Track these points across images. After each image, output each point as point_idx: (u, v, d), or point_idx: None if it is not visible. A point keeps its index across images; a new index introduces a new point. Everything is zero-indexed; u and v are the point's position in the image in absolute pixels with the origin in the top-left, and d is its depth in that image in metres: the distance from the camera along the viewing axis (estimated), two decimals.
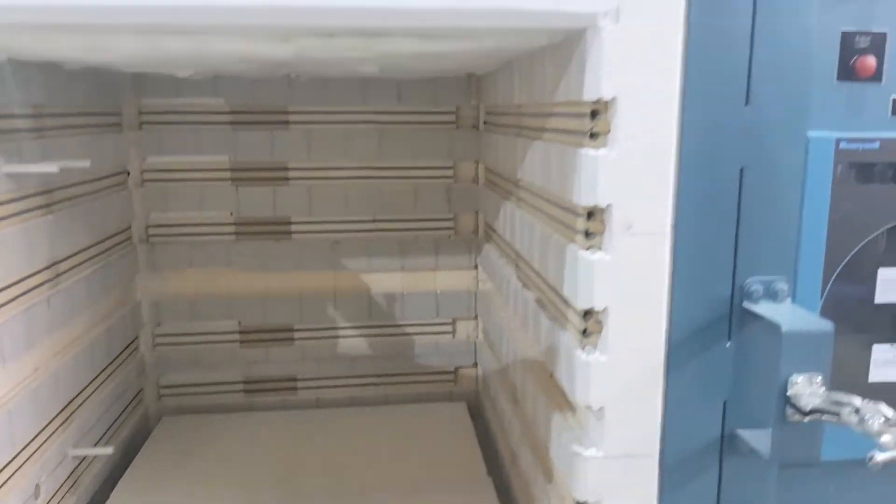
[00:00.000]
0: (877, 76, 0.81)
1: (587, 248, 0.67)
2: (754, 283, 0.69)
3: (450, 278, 1.39)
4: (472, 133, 1.35)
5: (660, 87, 0.63)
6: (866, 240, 0.82)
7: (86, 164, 0.93)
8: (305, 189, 1.32)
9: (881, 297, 0.84)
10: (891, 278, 0.84)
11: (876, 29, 0.81)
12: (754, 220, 0.68)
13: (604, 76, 0.62)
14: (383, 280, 1.37)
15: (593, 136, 0.65)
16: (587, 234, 0.67)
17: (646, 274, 0.65)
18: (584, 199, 0.65)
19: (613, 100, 0.62)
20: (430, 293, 1.39)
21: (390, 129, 1.32)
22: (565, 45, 0.69)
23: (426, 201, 1.36)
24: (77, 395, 1.04)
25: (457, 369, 1.43)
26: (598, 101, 0.63)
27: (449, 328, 1.41)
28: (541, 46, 0.78)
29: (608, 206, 0.64)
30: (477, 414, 1.38)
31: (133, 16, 0.54)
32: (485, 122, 1.32)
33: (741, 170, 0.67)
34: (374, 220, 1.35)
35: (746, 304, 0.68)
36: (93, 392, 1.10)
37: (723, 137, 0.65)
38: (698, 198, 0.66)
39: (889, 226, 0.83)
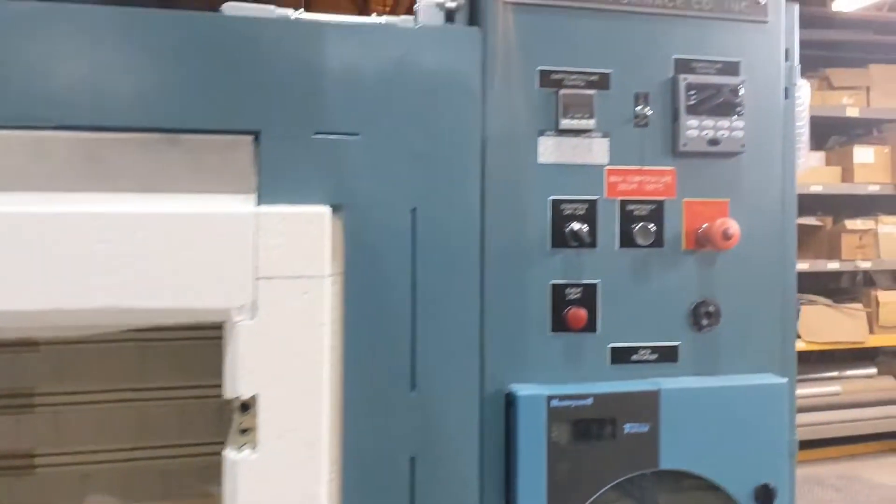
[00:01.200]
0: (590, 326, 0.81)
1: None
2: None
3: None
4: None
5: (307, 381, 0.57)
6: (592, 499, 0.78)
7: None
8: (53, 416, 1.18)
9: None
10: None
11: (586, 280, 0.81)
12: None
13: (241, 372, 0.56)
14: None
15: (244, 432, 0.58)
16: None
17: None
18: None
19: (255, 396, 0.56)
20: None
21: (154, 345, 1.22)
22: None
23: (195, 423, 1.24)
24: None
25: None
26: (237, 398, 0.57)
27: None
28: None
29: None
30: None
31: None
32: None
33: (412, 459, 0.61)
34: (133, 449, 1.21)
35: None
36: None
37: (388, 427, 0.60)
38: (365, 496, 0.59)
39: (615, 482, 0.79)
